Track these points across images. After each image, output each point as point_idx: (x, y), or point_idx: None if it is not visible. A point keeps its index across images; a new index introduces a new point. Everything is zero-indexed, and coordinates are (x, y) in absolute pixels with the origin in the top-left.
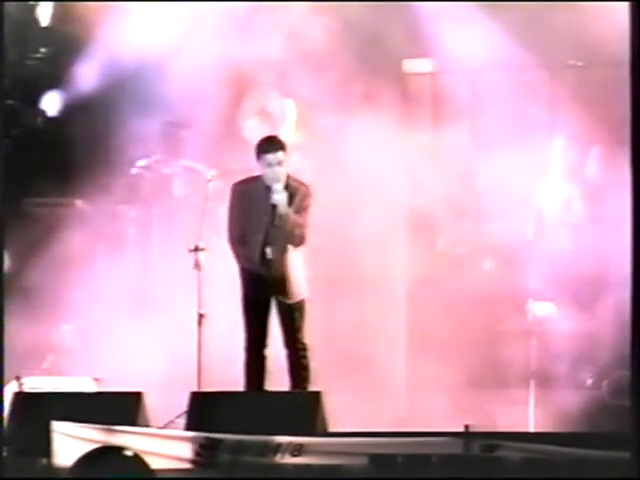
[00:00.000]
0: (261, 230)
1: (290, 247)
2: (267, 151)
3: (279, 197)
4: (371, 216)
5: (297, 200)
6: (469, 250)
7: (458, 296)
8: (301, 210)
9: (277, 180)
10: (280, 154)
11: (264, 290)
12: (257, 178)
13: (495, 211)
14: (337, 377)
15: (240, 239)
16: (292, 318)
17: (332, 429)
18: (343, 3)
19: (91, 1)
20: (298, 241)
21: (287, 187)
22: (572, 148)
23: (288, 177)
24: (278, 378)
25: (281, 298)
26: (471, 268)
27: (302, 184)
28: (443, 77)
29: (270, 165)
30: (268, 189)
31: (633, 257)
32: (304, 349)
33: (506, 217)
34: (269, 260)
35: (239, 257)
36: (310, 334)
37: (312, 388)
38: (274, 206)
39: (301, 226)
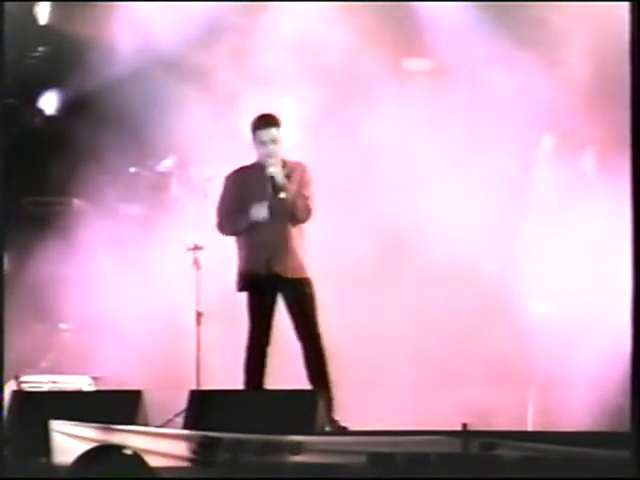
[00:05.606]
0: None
1: (294, 222)
2: (260, 128)
3: (275, 169)
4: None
5: (297, 176)
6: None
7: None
8: (303, 184)
9: (271, 157)
10: (273, 131)
11: (264, 266)
12: (250, 164)
13: (492, 212)
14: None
15: (231, 218)
16: (304, 310)
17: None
18: (344, 3)
19: (91, 1)
20: (305, 213)
21: (284, 166)
22: (570, 148)
23: (282, 160)
24: (275, 375)
25: (280, 271)
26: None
27: (298, 163)
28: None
29: (263, 143)
30: (263, 168)
31: (633, 257)
32: (319, 340)
33: (505, 218)
34: (272, 233)
35: (230, 227)
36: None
37: (332, 381)
38: (272, 178)
39: (306, 198)
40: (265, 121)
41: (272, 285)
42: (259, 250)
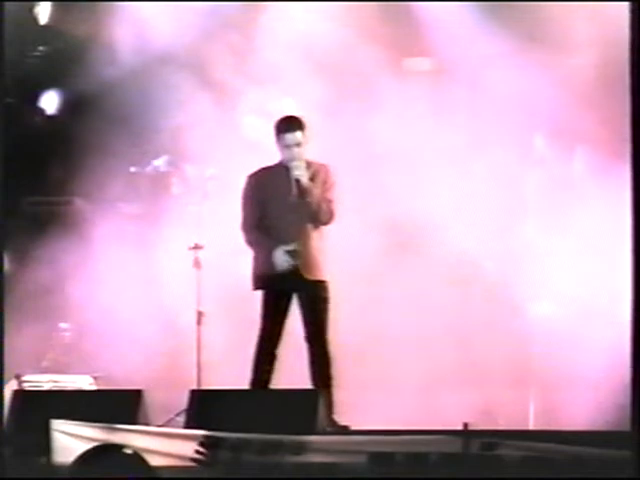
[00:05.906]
0: (287, 208)
1: (317, 224)
2: (284, 131)
3: (300, 172)
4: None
5: (320, 178)
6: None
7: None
8: (327, 187)
9: (296, 160)
10: (298, 134)
11: (284, 266)
12: (274, 165)
13: (493, 213)
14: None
15: (258, 225)
16: (317, 313)
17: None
18: (345, 4)
19: (91, 1)
20: (327, 216)
21: (308, 167)
22: (571, 147)
23: (307, 161)
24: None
25: (299, 272)
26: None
27: (322, 164)
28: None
29: (288, 146)
30: (288, 169)
31: (633, 257)
32: (327, 344)
33: (505, 218)
34: (295, 235)
35: (256, 243)
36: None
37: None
38: (297, 181)
39: (329, 201)
40: (289, 124)
41: (290, 285)
42: (280, 251)
